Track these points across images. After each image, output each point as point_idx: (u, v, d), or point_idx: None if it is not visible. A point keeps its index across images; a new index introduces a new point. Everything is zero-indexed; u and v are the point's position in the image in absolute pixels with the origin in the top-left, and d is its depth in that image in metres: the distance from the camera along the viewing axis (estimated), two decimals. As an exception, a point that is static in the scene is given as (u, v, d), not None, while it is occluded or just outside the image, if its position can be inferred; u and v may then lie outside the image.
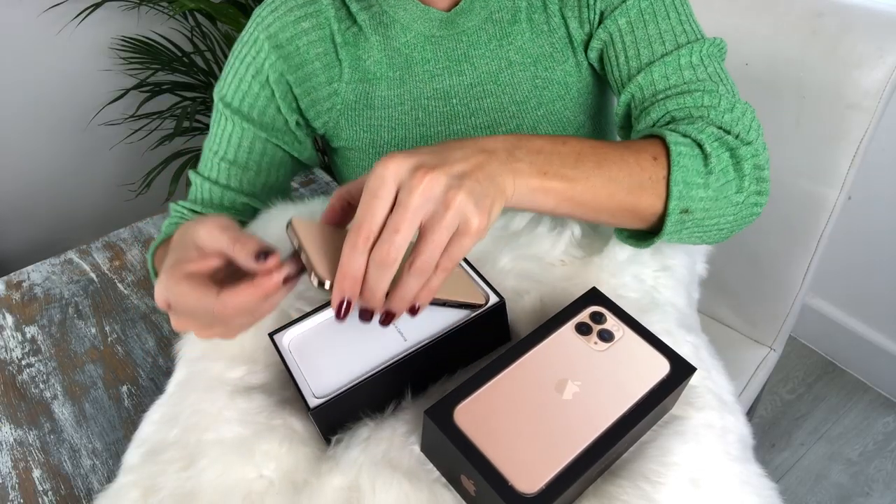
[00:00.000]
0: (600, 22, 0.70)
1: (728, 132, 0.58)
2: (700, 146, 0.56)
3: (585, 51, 0.73)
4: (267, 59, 0.71)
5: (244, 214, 0.77)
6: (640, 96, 0.66)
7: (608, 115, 0.82)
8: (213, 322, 0.46)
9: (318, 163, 0.84)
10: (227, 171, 0.75)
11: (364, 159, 0.79)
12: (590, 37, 0.72)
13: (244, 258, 0.44)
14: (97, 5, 1.63)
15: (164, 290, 0.45)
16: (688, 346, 0.57)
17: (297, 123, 0.76)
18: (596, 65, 0.74)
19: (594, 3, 0.69)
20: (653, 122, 0.63)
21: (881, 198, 1.41)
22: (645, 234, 0.58)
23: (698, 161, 0.55)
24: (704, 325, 0.65)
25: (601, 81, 0.78)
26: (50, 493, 0.65)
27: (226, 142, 0.75)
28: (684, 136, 0.56)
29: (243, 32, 0.73)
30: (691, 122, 0.59)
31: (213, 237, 0.45)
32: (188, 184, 0.80)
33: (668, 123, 0.62)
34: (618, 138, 0.76)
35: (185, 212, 0.77)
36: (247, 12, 1.65)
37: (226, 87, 0.74)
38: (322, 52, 0.72)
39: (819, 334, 1.68)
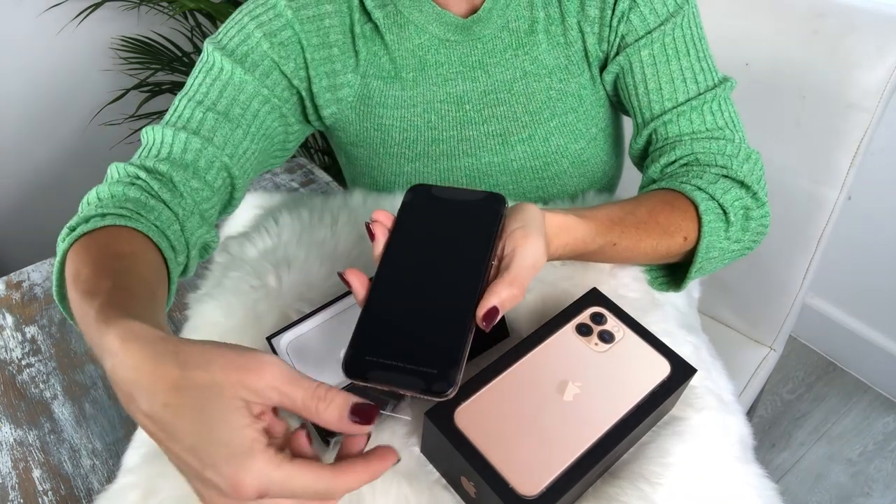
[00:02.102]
0: (619, 46, 0.70)
1: (748, 188, 0.65)
2: (725, 212, 0.63)
3: (601, 70, 0.73)
4: (287, 27, 0.68)
5: (212, 185, 0.64)
6: (664, 135, 0.70)
7: (619, 127, 0.82)
8: None
9: (292, 153, 0.78)
10: (213, 122, 0.64)
11: (374, 158, 0.78)
12: (606, 56, 0.72)
13: (335, 419, 0.35)
14: (97, 5, 1.63)
15: (259, 477, 0.33)
16: (688, 346, 0.57)
17: (298, 94, 0.72)
18: (609, 87, 0.74)
19: (616, 25, 0.68)
20: (676, 157, 0.68)
21: (881, 198, 1.41)
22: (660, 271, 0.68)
23: (721, 229, 0.63)
24: (704, 325, 0.65)
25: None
26: (50, 493, 0.65)
27: (217, 91, 0.65)
28: (712, 198, 0.63)
29: None
30: (717, 177, 0.65)
31: (282, 394, 0.35)
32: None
33: (691, 164, 0.68)
34: (626, 150, 0.76)
35: (143, 176, 0.59)
36: (247, 12, 1.64)
37: (226, 38, 0.67)
38: (341, 39, 0.71)
39: (819, 334, 1.68)
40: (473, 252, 0.45)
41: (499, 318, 0.43)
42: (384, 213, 0.48)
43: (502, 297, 0.43)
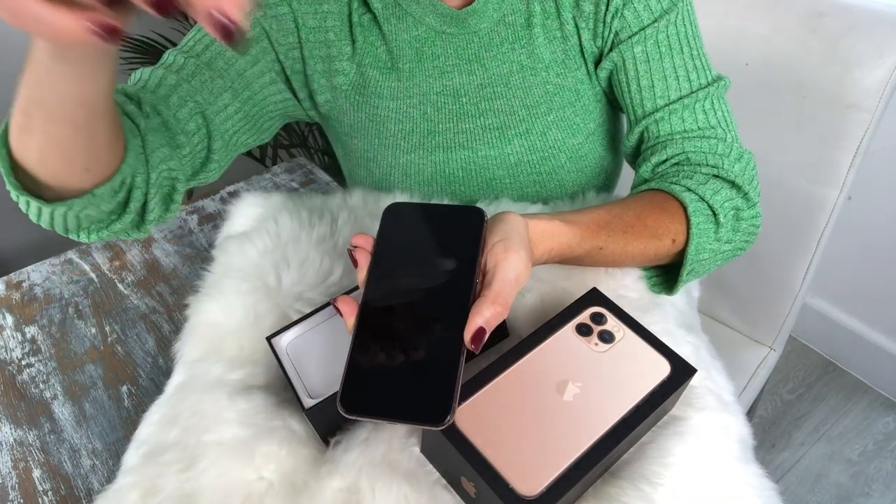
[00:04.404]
0: (613, 41, 0.69)
1: (738, 188, 0.65)
2: (714, 214, 0.63)
3: (596, 66, 0.73)
4: (284, 3, 0.69)
5: (184, 126, 0.63)
6: (656, 133, 0.69)
7: (618, 123, 0.82)
8: None
9: (272, 136, 0.77)
10: (194, 68, 0.65)
11: (369, 150, 0.78)
12: (601, 52, 0.72)
13: None
14: (97, 5, 1.63)
15: None
16: (688, 346, 0.57)
17: (289, 81, 0.73)
18: (603, 83, 0.74)
19: (610, 21, 0.68)
20: (667, 157, 0.68)
21: (881, 198, 1.41)
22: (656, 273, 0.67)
23: (710, 231, 0.62)
24: (704, 325, 0.65)
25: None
26: (50, 493, 0.65)
27: (204, 45, 0.67)
28: (702, 199, 0.63)
29: None
30: (707, 177, 0.65)
31: None
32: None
33: (682, 163, 0.68)
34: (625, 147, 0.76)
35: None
36: (247, 12, 1.64)
37: None
38: (338, 26, 0.71)
39: (819, 334, 1.68)
40: (457, 272, 0.45)
41: (486, 337, 0.43)
42: (364, 237, 0.48)
43: (486, 316, 0.43)
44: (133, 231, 0.62)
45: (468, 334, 0.42)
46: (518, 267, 0.46)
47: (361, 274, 0.47)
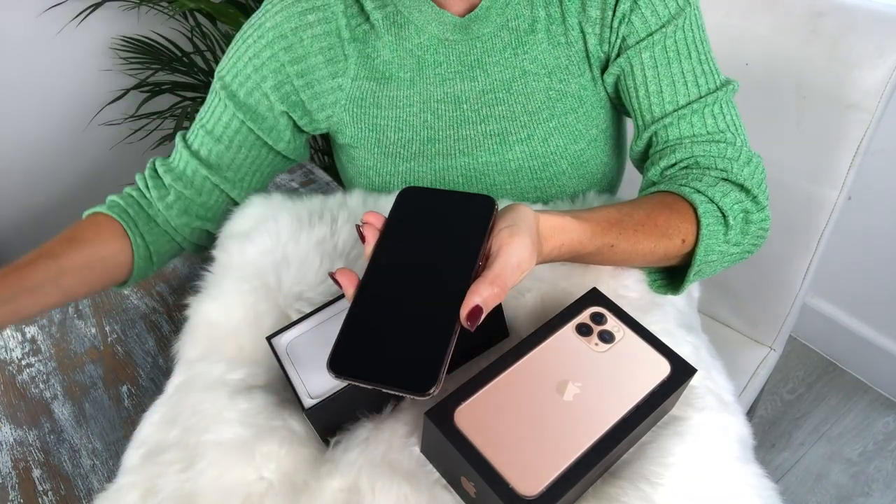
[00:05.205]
0: (621, 47, 0.69)
1: (748, 191, 0.65)
2: (724, 216, 0.63)
3: (602, 71, 0.73)
4: (268, 46, 0.72)
5: (202, 188, 0.78)
6: (665, 137, 0.69)
7: (621, 129, 0.82)
8: None
9: (305, 157, 0.84)
10: (200, 139, 0.77)
11: (369, 158, 0.78)
12: (608, 57, 0.71)
13: None
14: (97, 5, 1.63)
15: None
16: (688, 346, 0.57)
17: (285, 113, 0.76)
18: (610, 88, 0.74)
19: (617, 27, 0.68)
20: (676, 160, 0.68)
21: (881, 198, 1.41)
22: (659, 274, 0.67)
23: (720, 232, 0.62)
24: (704, 325, 0.65)
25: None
26: (50, 493, 0.65)
27: (209, 112, 0.77)
28: (711, 201, 0.63)
29: (253, 16, 0.74)
30: (716, 180, 0.65)
31: None
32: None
33: (691, 167, 0.68)
34: (628, 151, 0.76)
35: (147, 179, 0.77)
36: (247, 12, 1.65)
37: (223, 65, 0.76)
38: (326, 46, 0.72)
39: (819, 334, 1.68)
40: (461, 253, 0.46)
41: (483, 316, 0.43)
42: (375, 214, 0.49)
43: (484, 295, 0.43)
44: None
45: (464, 311, 0.43)
46: (521, 253, 0.46)
47: (368, 249, 0.48)
